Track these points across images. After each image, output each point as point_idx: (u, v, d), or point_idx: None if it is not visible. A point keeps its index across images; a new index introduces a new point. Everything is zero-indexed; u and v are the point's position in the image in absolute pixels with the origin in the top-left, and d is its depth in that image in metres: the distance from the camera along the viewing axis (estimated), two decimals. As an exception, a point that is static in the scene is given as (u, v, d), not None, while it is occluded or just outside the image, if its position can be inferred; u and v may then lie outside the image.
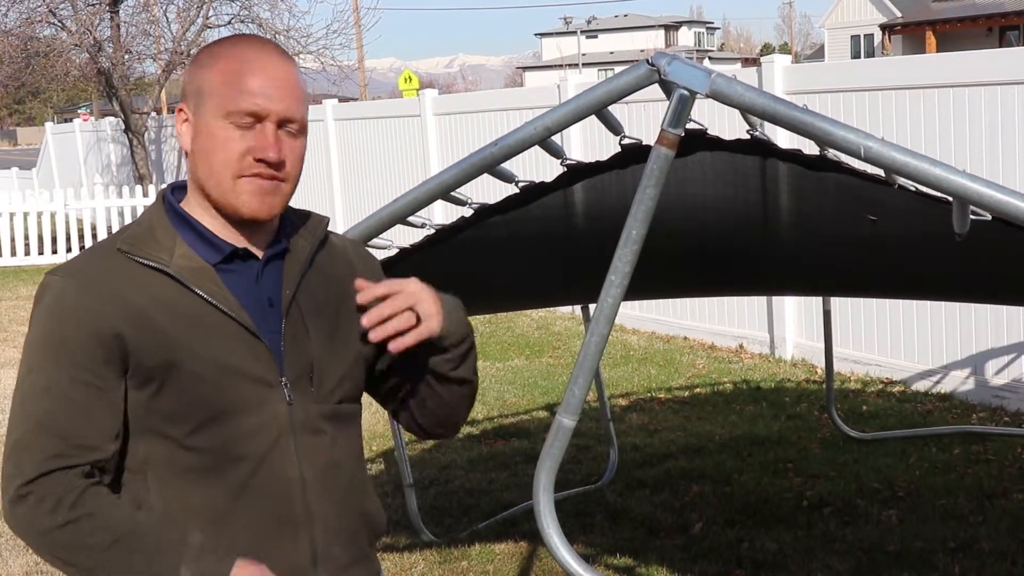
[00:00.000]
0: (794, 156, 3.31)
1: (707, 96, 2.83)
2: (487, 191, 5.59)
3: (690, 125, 3.05)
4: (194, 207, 2.23)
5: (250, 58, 2.18)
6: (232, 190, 2.17)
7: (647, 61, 2.94)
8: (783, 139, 7.85)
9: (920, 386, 8.50)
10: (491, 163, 3.30)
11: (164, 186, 2.33)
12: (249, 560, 2.11)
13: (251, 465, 2.19)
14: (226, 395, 2.17)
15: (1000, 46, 41.75)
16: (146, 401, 2.15)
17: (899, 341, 8.69)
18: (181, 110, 2.22)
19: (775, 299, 9.68)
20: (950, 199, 2.87)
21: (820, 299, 7.61)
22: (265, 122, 2.16)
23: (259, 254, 2.25)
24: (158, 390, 2.14)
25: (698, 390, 8.89)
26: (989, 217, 2.96)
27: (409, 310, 2.25)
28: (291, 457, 2.22)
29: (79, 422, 2.11)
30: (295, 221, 2.34)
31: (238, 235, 2.23)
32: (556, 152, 3.59)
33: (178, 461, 2.18)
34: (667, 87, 2.91)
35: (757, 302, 9.95)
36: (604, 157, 3.65)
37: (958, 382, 8.26)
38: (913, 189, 3.32)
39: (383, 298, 2.25)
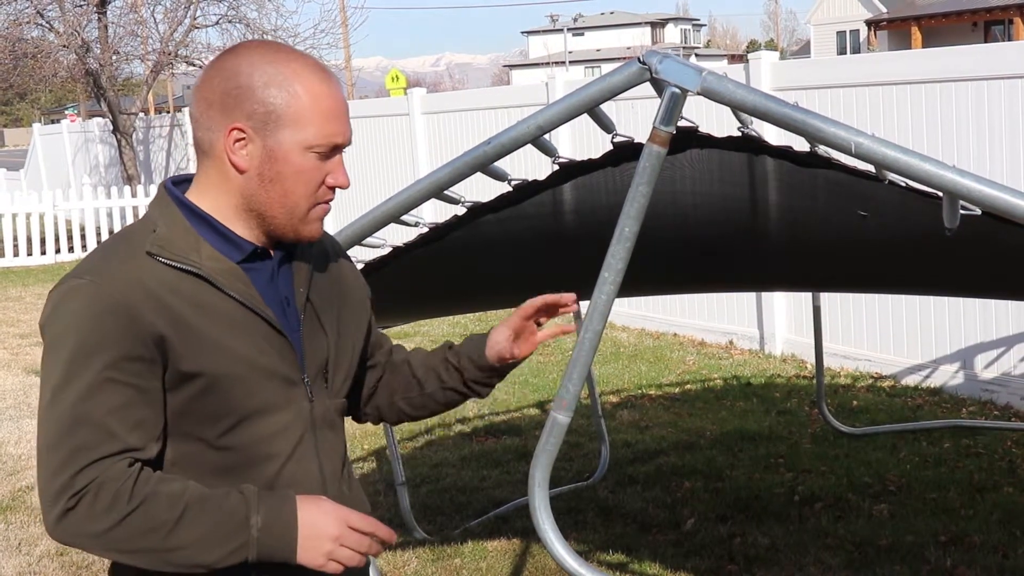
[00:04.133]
0: (785, 153, 3.33)
1: (698, 94, 2.85)
2: (479, 190, 5.59)
3: (681, 123, 3.07)
4: (215, 207, 2.22)
5: (324, 83, 2.20)
6: (304, 218, 2.21)
7: (639, 59, 2.96)
8: (772, 136, 7.88)
9: (910, 381, 8.54)
10: (484, 161, 3.32)
11: (163, 181, 2.30)
12: (306, 495, 2.17)
13: (278, 463, 2.23)
14: (259, 395, 2.20)
15: (985, 41, 41.83)
16: (182, 403, 2.15)
17: (889, 336, 8.72)
18: (238, 128, 2.16)
19: (765, 295, 9.71)
20: (940, 194, 2.89)
21: (810, 294, 7.64)
22: (339, 151, 2.23)
23: (271, 253, 2.29)
24: (197, 392, 2.14)
25: (688, 386, 8.92)
26: (979, 212, 2.99)
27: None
28: (312, 453, 2.29)
29: (124, 425, 2.08)
30: None
31: (258, 235, 2.25)
32: (549, 150, 3.61)
33: (207, 461, 2.19)
34: (658, 85, 2.92)
35: (747, 298, 9.97)
36: (593, 155, 3.67)
37: (948, 376, 8.30)
38: (903, 185, 3.34)
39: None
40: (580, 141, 11.27)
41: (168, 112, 29.92)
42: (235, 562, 2.09)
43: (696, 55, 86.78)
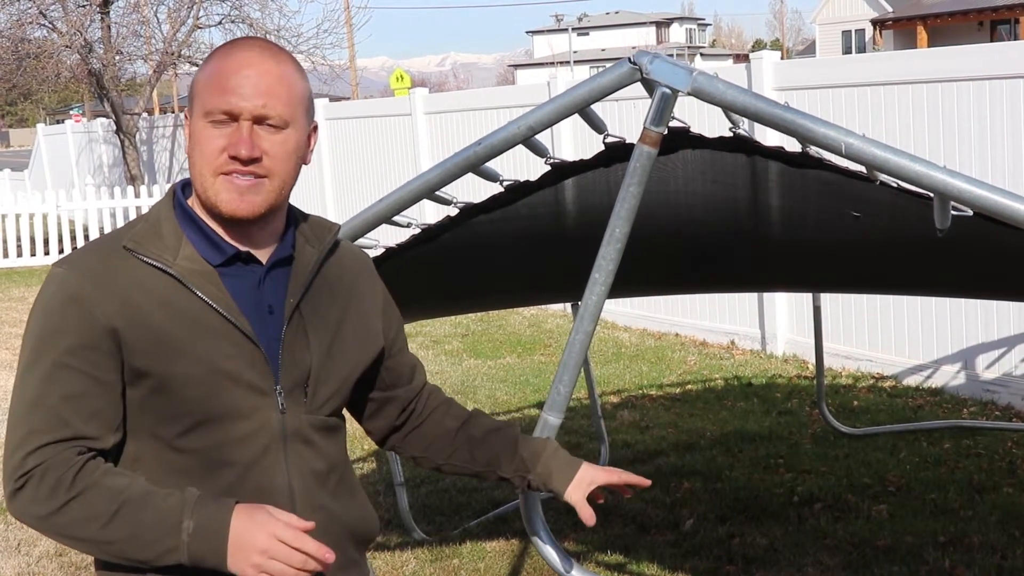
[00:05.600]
0: (776, 153, 3.32)
1: (688, 94, 2.84)
2: (475, 190, 5.59)
3: (674, 123, 3.06)
4: (198, 207, 2.23)
5: (233, 57, 2.17)
6: (212, 188, 2.16)
7: (629, 59, 2.95)
8: (773, 137, 7.86)
9: (911, 381, 8.52)
10: (475, 162, 3.31)
11: (176, 181, 2.33)
12: (248, 504, 2.12)
13: (239, 471, 2.20)
14: (218, 400, 2.17)
15: (991, 40, 41.76)
16: (139, 399, 2.16)
17: (890, 336, 8.70)
18: (185, 115, 2.23)
19: (766, 295, 9.70)
20: (931, 195, 2.88)
21: (811, 295, 7.62)
22: (240, 120, 2.14)
23: (262, 259, 2.25)
24: (151, 390, 2.15)
25: (689, 387, 8.91)
26: (970, 213, 2.98)
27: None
28: (280, 465, 2.23)
29: (78, 413, 2.11)
30: (303, 226, 2.34)
31: (240, 237, 2.22)
32: (540, 151, 3.60)
33: (168, 461, 2.19)
34: (649, 85, 2.91)
35: (748, 298, 9.96)
36: (592, 155, 3.66)
37: (949, 377, 8.28)
38: (895, 185, 3.33)
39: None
40: (581, 140, 11.26)
41: (172, 112, 29.95)
42: (170, 563, 2.08)
43: (701, 55, 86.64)
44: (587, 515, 2.52)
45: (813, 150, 3.63)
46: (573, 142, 11.44)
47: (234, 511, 2.08)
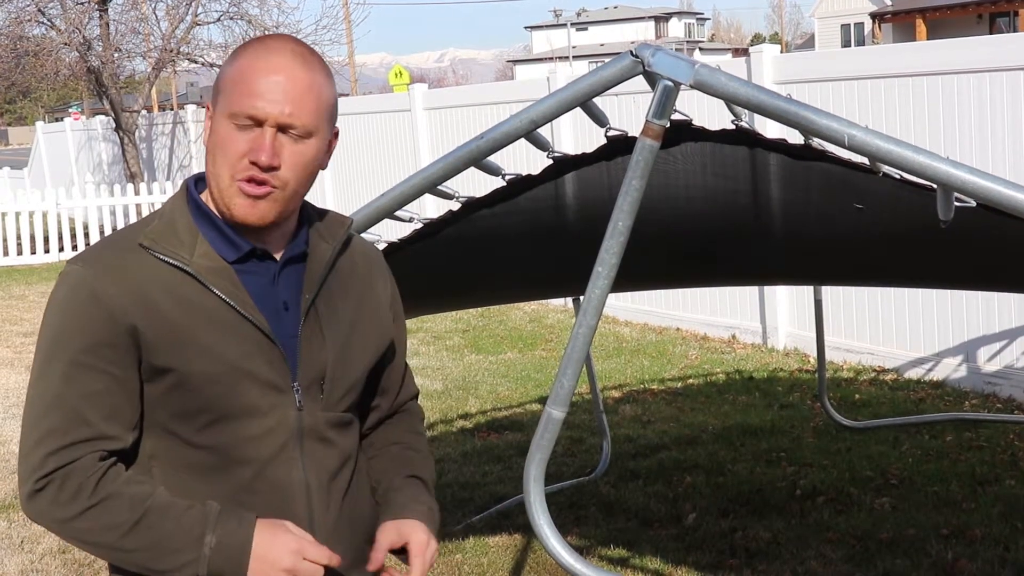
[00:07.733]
0: (779, 145, 3.31)
1: (691, 87, 2.84)
2: (476, 184, 5.58)
3: (676, 116, 3.05)
4: (212, 203, 2.21)
5: (264, 59, 2.13)
6: (228, 190, 2.14)
7: (631, 52, 2.94)
8: (773, 130, 7.86)
9: (912, 374, 8.52)
10: (477, 156, 3.30)
11: (188, 177, 2.30)
12: (268, 520, 2.14)
13: (256, 468, 2.20)
14: (236, 397, 2.16)
15: (991, 33, 41.74)
16: (156, 396, 2.16)
17: (891, 329, 8.70)
18: (207, 107, 2.20)
19: (767, 289, 9.69)
20: (934, 186, 2.87)
21: (812, 288, 7.62)
22: (264, 126, 2.11)
23: (276, 255, 2.24)
24: (169, 387, 2.14)
25: (691, 381, 8.90)
26: (974, 204, 2.97)
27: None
28: (297, 462, 2.23)
29: (97, 411, 2.11)
30: (316, 221, 2.32)
31: (253, 235, 2.20)
32: (542, 145, 3.59)
33: (184, 458, 2.19)
34: (651, 78, 2.91)
35: (749, 292, 9.96)
36: (594, 149, 3.65)
37: (950, 369, 8.28)
38: (898, 177, 3.33)
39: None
40: (582, 136, 11.25)
41: (171, 109, 29.94)
42: (188, 575, 2.10)
43: (700, 49, 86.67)
44: (374, 560, 2.34)
45: (816, 142, 3.62)
46: (574, 136, 11.43)
47: (256, 527, 2.11)
